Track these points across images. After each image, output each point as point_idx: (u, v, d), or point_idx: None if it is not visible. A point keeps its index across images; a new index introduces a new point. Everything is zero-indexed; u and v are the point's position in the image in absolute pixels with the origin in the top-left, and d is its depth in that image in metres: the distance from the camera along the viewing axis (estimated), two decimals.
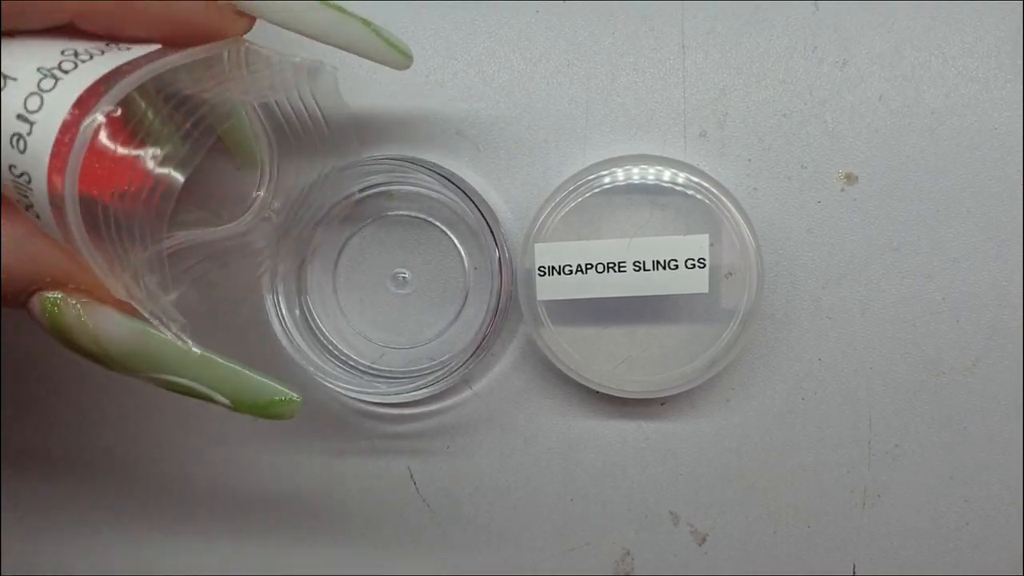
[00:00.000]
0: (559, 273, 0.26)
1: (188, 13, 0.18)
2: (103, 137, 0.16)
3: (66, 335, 0.19)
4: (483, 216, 0.27)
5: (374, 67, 0.28)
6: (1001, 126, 0.27)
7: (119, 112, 0.16)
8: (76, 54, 0.17)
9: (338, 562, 0.30)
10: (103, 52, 0.17)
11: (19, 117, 0.16)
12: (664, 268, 0.26)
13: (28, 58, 0.16)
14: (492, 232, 0.27)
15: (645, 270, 0.26)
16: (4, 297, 0.18)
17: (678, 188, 0.27)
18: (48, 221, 0.17)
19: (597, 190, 0.27)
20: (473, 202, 0.27)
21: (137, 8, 0.17)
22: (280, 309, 0.28)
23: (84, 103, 0.16)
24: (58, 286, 0.18)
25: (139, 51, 0.18)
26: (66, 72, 0.16)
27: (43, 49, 0.16)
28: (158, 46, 0.18)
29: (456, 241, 0.29)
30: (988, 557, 0.28)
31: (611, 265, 0.26)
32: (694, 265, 0.26)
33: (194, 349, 0.19)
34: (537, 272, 0.26)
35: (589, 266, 0.26)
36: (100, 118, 0.16)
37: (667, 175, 0.27)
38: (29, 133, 0.16)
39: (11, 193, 0.17)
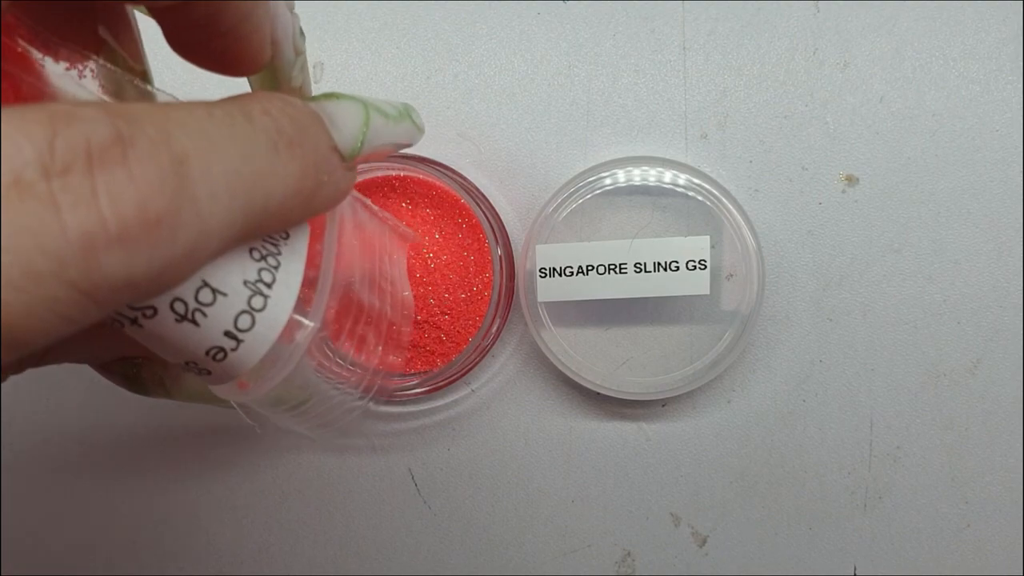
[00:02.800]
0: (560, 275, 0.26)
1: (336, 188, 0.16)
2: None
3: (140, 389, 0.21)
4: (485, 215, 0.27)
5: (374, 67, 0.29)
6: (1002, 128, 0.27)
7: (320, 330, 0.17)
8: (263, 257, 0.16)
9: (338, 562, 0.30)
10: (279, 249, 0.16)
11: (226, 334, 0.15)
12: (665, 270, 0.26)
13: (232, 270, 0.15)
14: (494, 232, 0.27)
15: (646, 271, 0.26)
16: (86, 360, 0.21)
17: (679, 190, 0.27)
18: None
19: (598, 191, 0.27)
20: (475, 200, 0.27)
21: (312, 204, 0.15)
22: None
23: (292, 327, 0.16)
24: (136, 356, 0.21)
25: (301, 242, 0.17)
26: (269, 286, 0.16)
27: (238, 254, 0.15)
28: (308, 228, 0.17)
29: None
30: (988, 558, 0.28)
31: (612, 266, 0.26)
32: (695, 267, 0.26)
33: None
34: (538, 273, 0.26)
35: (590, 267, 0.26)
36: (305, 345, 0.16)
37: (668, 176, 0.27)
38: (234, 349, 0.15)
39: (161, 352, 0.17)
